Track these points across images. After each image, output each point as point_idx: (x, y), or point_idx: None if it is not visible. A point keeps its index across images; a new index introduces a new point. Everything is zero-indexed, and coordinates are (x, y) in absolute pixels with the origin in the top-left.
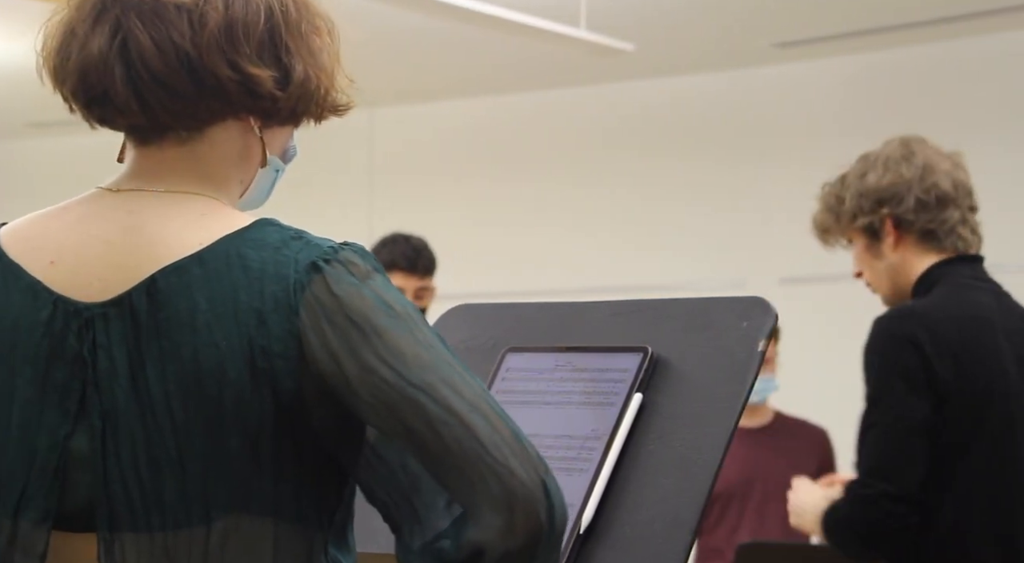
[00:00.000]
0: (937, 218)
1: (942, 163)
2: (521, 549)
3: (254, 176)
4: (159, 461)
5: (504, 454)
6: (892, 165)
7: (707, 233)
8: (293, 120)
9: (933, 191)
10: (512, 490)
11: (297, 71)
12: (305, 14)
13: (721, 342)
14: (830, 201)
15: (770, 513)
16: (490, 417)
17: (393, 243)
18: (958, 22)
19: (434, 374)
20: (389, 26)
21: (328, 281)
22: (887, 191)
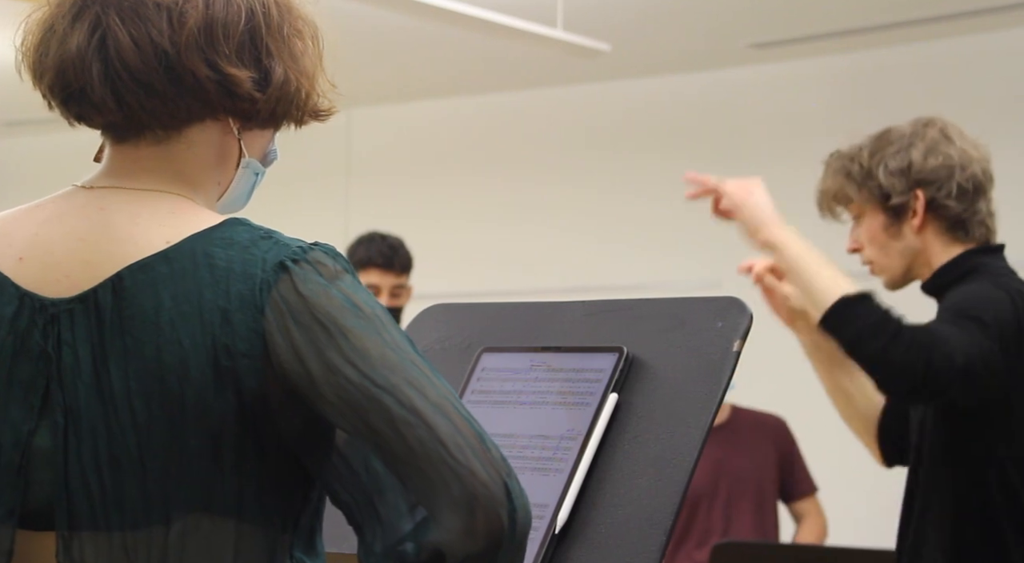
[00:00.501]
0: (971, 207)
1: (975, 152)
2: (482, 552)
3: (232, 178)
4: (120, 459)
5: (467, 456)
6: (935, 147)
7: (683, 233)
8: (273, 123)
9: (972, 180)
10: (473, 492)
11: (277, 73)
12: (288, 17)
13: (696, 342)
14: (853, 170)
15: (738, 511)
16: (454, 419)
17: (370, 241)
18: (935, 23)
19: (399, 375)
20: (366, 26)
21: (295, 281)
22: (932, 173)
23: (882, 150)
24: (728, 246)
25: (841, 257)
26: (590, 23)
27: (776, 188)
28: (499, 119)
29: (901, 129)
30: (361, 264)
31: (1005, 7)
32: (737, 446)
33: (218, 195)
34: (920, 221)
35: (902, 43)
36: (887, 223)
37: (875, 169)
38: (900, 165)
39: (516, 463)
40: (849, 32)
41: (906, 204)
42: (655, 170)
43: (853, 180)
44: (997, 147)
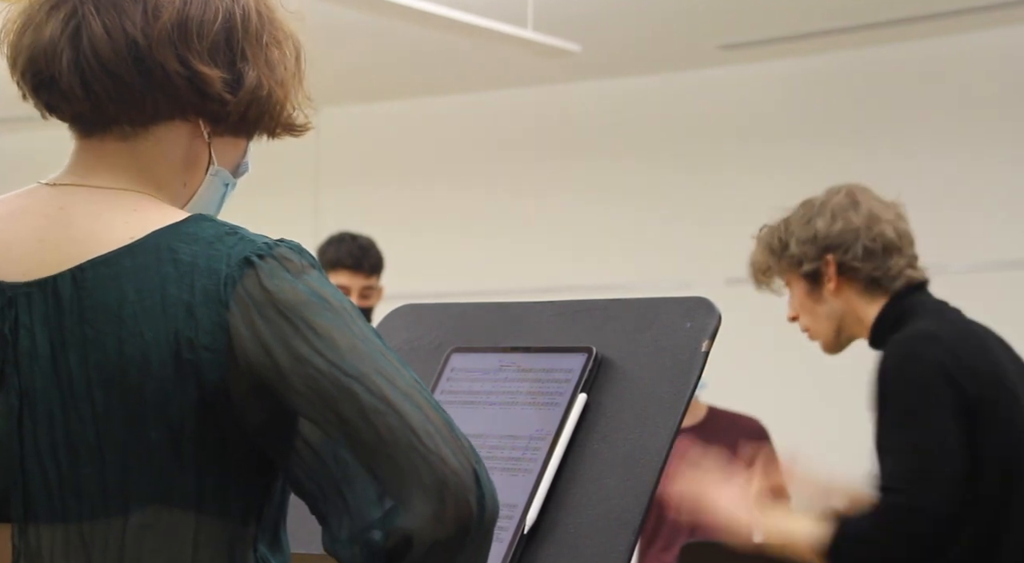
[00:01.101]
0: (882, 266)
1: (886, 213)
2: (450, 538)
3: (200, 182)
4: (78, 448)
5: (436, 443)
6: (840, 212)
7: (652, 234)
8: (245, 130)
9: (879, 239)
10: (443, 478)
11: (250, 78)
12: (268, 26)
13: (665, 342)
14: (772, 243)
15: None
16: (423, 407)
17: (339, 242)
18: (902, 26)
19: (368, 364)
20: (336, 25)
21: (260, 276)
22: (836, 238)
23: (796, 222)
24: (697, 247)
25: None
26: (560, 23)
27: (744, 189)
28: (469, 120)
29: (815, 199)
30: (331, 265)
31: (974, 9)
32: (710, 446)
33: (185, 198)
34: (835, 284)
35: (871, 45)
36: (808, 289)
37: (788, 240)
38: (808, 234)
39: (486, 463)
40: (818, 34)
41: (819, 269)
42: (625, 171)
43: (774, 253)
44: (965, 147)
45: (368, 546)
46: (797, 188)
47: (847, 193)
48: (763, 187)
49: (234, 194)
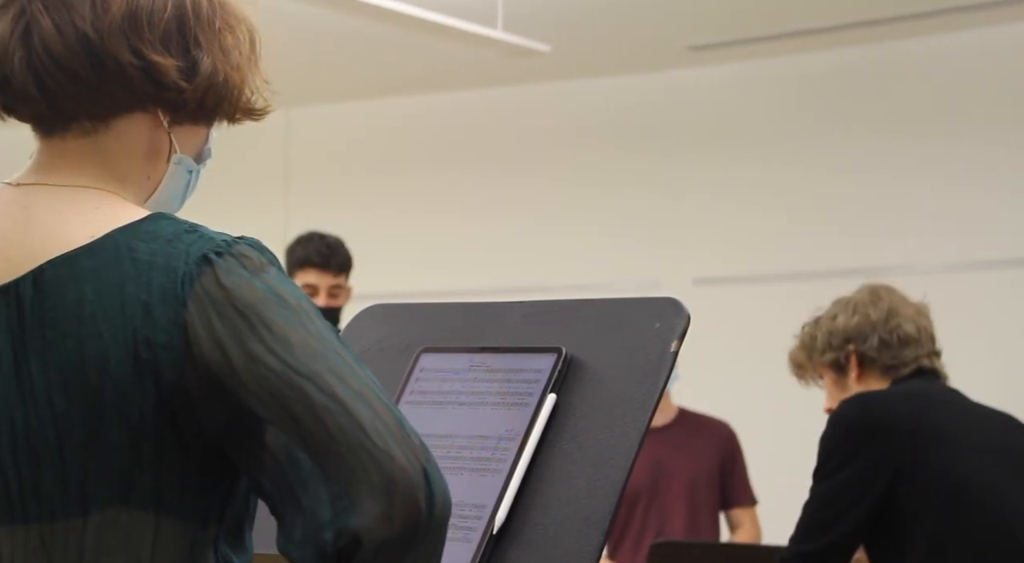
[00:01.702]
0: (899, 355)
1: (906, 309)
2: (399, 537)
3: (164, 173)
4: (38, 452)
5: (386, 441)
6: (860, 308)
7: (621, 234)
8: (204, 118)
9: (896, 332)
10: (392, 476)
11: (205, 64)
12: (220, 12)
13: (634, 343)
14: (806, 340)
15: (673, 512)
16: (375, 405)
17: (308, 241)
18: (871, 27)
19: (321, 363)
20: (305, 25)
21: (218, 273)
22: (854, 331)
23: (825, 318)
24: (666, 248)
25: None
26: (530, 24)
27: (713, 189)
28: (439, 119)
29: (845, 297)
30: (299, 264)
31: (946, 10)
32: (679, 448)
33: (149, 190)
34: (857, 372)
35: (840, 46)
36: (836, 379)
37: (817, 334)
38: (833, 327)
39: (454, 463)
40: (787, 35)
41: (839, 359)
42: (594, 171)
43: (806, 348)
44: (936, 149)
45: (319, 547)
46: (766, 188)
47: (870, 291)
48: (732, 187)
49: (204, 194)
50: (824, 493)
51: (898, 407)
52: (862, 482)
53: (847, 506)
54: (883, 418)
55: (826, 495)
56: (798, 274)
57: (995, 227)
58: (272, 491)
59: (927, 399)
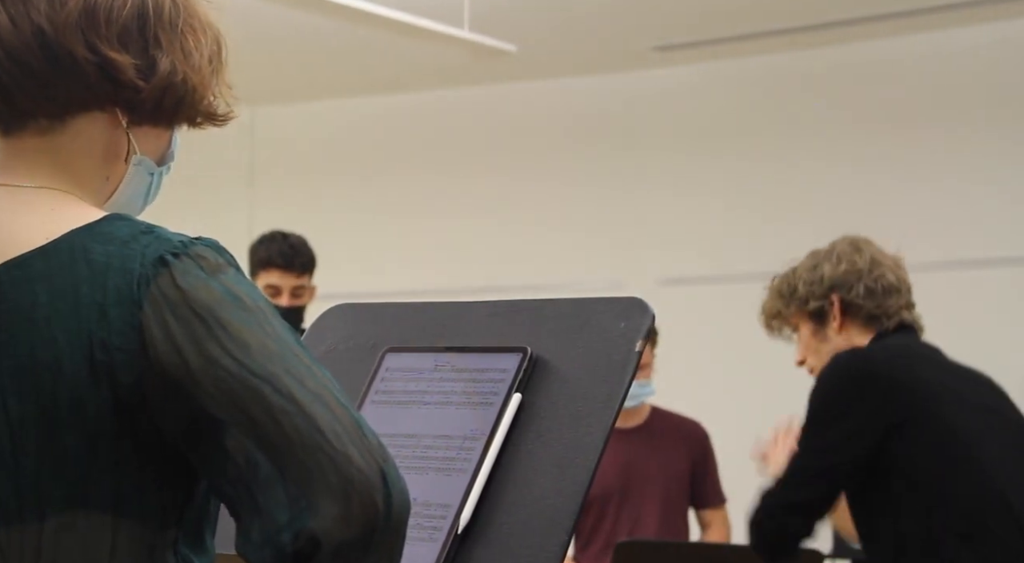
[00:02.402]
0: (883, 304)
1: (886, 259)
2: (357, 539)
3: (123, 175)
4: None
5: (343, 443)
6: (844, 257)
7: (586, 234)
8: (164, 119)
9: (880, 281)
10: (349, 478)
11: (163, 64)
12: (184, 14)
13: (599, 342)
14: (782, 289)
15: (645, 512)
16: (332, 407)
17: (270, 240)
18: (836, 28)
19: (279, 365)
20: (271, 24)
21: (175, 275)
22: (839, 279)
23: (804, 268)
24: (631, 248)
25: None
26: (496, 24)
27: (677, 189)
28: (405, 119)
29: (821, 249)
30: (261, 264)
31: (907, 12)
32: (650, 448)
33: (108, 192)
34: (839, 322)
35: (804, 48)
36: (815, 329)
37: (797, 284)
38: (815, 276)
39: (419, 463)
40: (752, 36)
41: (823, 308)
42: (560, 171)
43: (783, 297)
44: (903, 149)
45: (277, 548)
46: (730, 188)
47: (851, 242)
48: (697, 188)
49: (168, 193)
50: (820, 442)
51: (897, 362)
52: (860, 433)
53: (844, 457)
54: (885, 371)
55: (823, 444)
56: (762, 274)
57: (966, 226)
58: (230, 492)
59: (921, 357)
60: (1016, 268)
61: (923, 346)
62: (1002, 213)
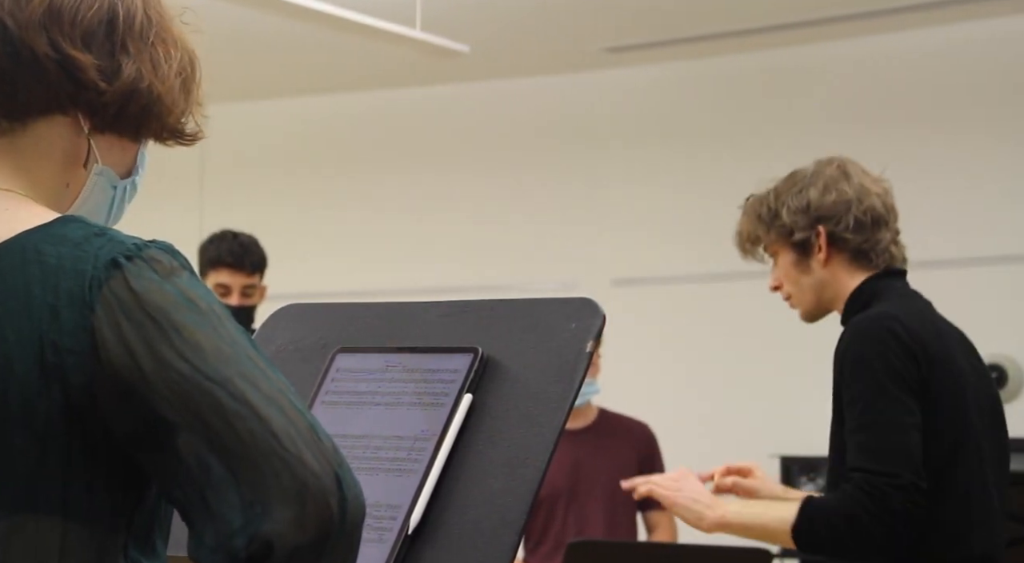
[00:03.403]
0: (871, 238)
1: (874, 186)
2: (312, 543)
3: (84, 181)
4: None
5: (298, 446)
6: (832, 184)
7: (540, 234)
8: (128, 128)
9: (869, 213)
10: (304, 482)
11: (128, 69)
12: (156, 27)
13: (550, 343)
14: (761, 212)
15: (592, 511)
16: (287, 410)
17: (220, 240)
18: (787, 30)
19: (232, 368)
20: (223, 22)
21: (127, 277)
22: (828, 210)
23: (786, 191)
24: (585, 248)
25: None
26: (449, 24)
27: (630, 190)
28: (357, 119)
29: (805, 170)
30: (211, 263)
31: (858, 15)
32: (598, 449)
33: (69, 199)
34: (825, 255)
35: (756, 49)
36: (796, 259)
37: (780, 210)
38: (800, 204)
39: (370, 464)
40: (703, 38)
41: (809, 240)
42: (513, 172)
43: (763, 222)
44: (854, 147)
45: (230, 552)
46: (683, 189)
47: (838, 165)
48: (650, 189)
49: None
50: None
51: (923, 337)
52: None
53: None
54: (922, 345)
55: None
56: (715, 275)
57: (933, 226)
58: (182, 497)
59: (934, 324)
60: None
61: (930, 310)
62: (964, 212)
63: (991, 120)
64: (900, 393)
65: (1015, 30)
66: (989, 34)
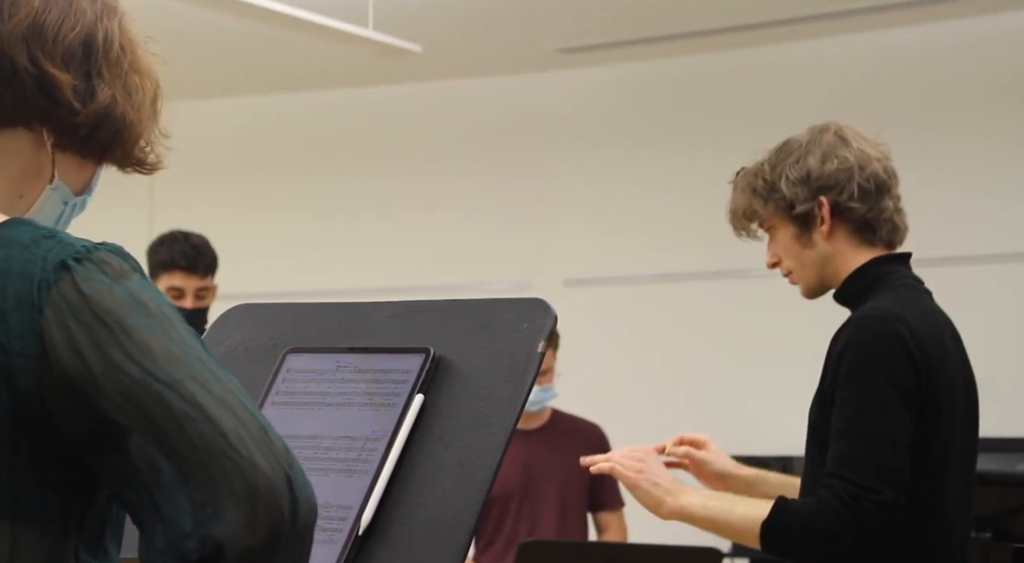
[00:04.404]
0: (876, 206)
1: (874, 151)
2: (263, 545)
3: (38, 196)
4: None
5: (249, 448)
6: (832, 152)
7: (493, 235)
8: (94, 151)
9: (873, 179)
10: (255, 484)
11: (103, 94)
12: (129, 56)
13: (501, 343)
14: (756, 185)
15: (544, 514)
16: (238, 412)
17: (172, 241)
18: (738, 32)
19: (183, 370)
20: (174, 20)
21: (77, 280)
22: (831, 178)
23: (782, 162)
24: (538, 249)
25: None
26: (401, 24)
27: (582, 190)
28: (309, 118)
29: (799, 138)
30: (163, 265)
31: (807, 18)
32: (550, 450)
33: (20, 210)
34: (828, 227)
35: (706, 51)
36: (797, 233)
37: (778, 182)
38: (800, 174)
39: (320, 464)
40: (654, 40)
41: (811, 212)
42: (466, 171)
43: (759, 195)
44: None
45: (181, 555)
46: (635, 190)
47: (835, 131)
48: (602, 190)
49: None
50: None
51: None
52: (908, 419)
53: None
54: (924, 353)
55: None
56: (667, 276)
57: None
58: (133, 499)
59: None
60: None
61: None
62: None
63: (956, 119)
64: (897, 405)
65: (970, 32)
66: (937, 36)
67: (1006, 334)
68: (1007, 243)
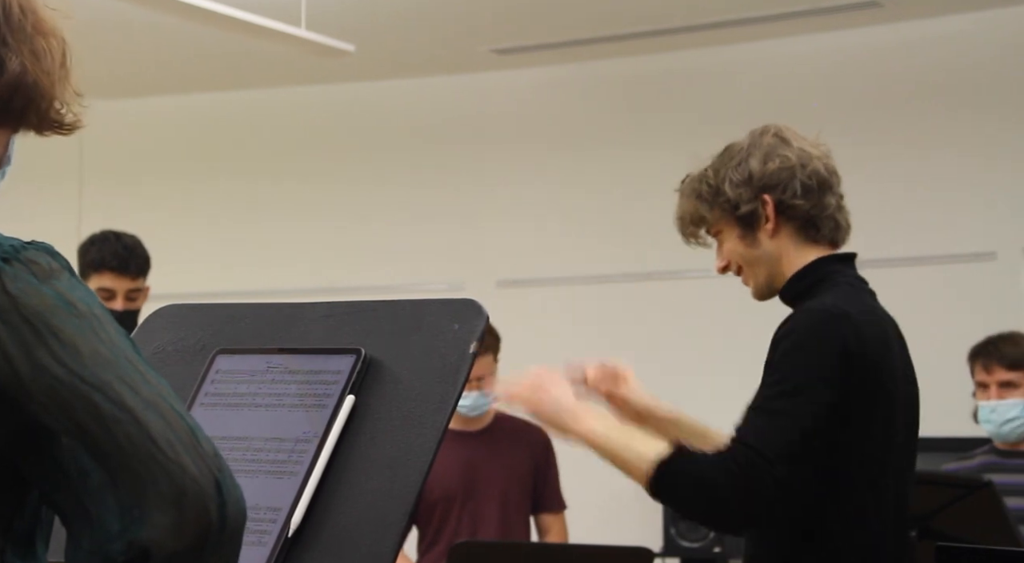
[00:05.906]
0: (819, 203)
1: (814, 150)
2: (189, 548)
3: None
4: None
5: (176, 451)
6: (772, 152)
7: (426, 235)
8: (9, 121)
9: (814, 176)
10: (182, 487)
11: (12, 63)
12: (32, 17)
13: (433, 344)
14: (701, 190)
15: (485, 515)
16: (166, 414)
17: (103, 242)
18: (671, 35)
19: (111, 372)
20: (104, 17)
21: (4, 280)
22: (773, 177)
23: (725, 165)
24: (470, 250)
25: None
26: (334, 23)
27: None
28: (241, 117)
29: (740, 142)
30: (94, 266)
31: (743, 21)
32: (492, 451)
33: None
34: (773, 225)
35: (639, 54)
36: (743, 234)
37: (722, 185)
38: (742, 176)
39: (250, 466)
40: (589, 41)
41: (756, 211)
42: (400, 172)
43: (705, 200)
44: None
45: (107, 558)
46: (569, 192)
47: (775, 133)
48: (535, 191)
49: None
50: (797, 411)
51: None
52: (829, 414)
53: (814, 434)
54: (866, 350)
55: (800, 415)
56: (601, 277)
57: None
58: (61, 502)
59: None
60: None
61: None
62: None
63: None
64: (823, 397)
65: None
66: (864, 41)
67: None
68: (944, 245)
